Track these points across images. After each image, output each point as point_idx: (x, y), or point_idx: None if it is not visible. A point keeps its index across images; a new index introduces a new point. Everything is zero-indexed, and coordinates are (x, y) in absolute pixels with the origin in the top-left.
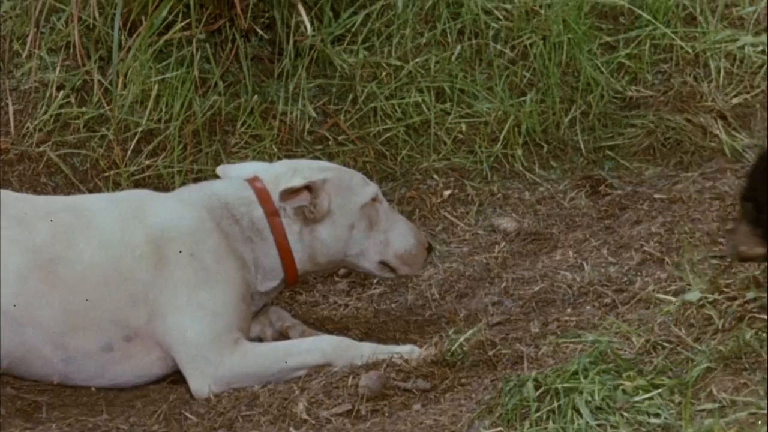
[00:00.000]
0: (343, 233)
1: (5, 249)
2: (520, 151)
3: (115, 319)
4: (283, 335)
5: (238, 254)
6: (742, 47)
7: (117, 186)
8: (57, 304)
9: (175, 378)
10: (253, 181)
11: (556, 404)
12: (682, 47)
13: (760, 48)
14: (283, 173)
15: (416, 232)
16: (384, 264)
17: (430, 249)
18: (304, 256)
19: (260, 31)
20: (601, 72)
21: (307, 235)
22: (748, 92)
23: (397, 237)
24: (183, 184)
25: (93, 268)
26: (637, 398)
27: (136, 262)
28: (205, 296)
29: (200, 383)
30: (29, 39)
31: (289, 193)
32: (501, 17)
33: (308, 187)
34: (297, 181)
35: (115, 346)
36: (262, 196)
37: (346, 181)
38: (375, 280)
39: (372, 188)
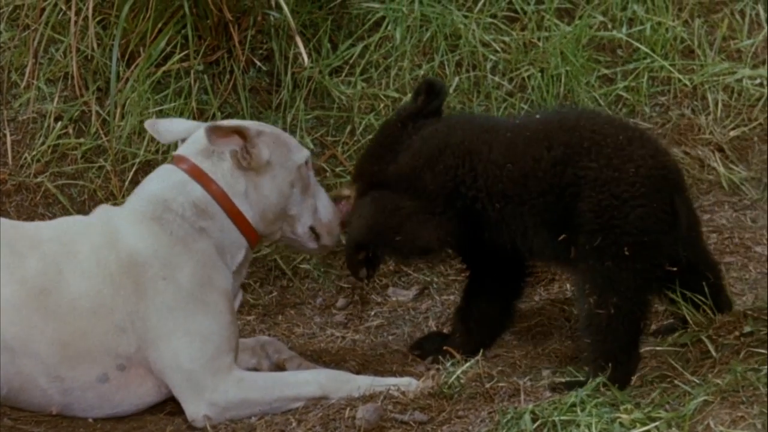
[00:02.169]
0: (285, 188)
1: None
2: None
3: (106, 349)
4: (279, 368)
5: (200, 254)
6: (739, 80)
7: None
8: (50, 335)
9: (173, 409)
10: (179, 162)
11: None
12: (680, 80)
13: (758, 81)
14: None
15: (334, 206)
16: (312, 231)
17: (344, 225)
18: (255, 215)
19: (258, 63)
20: (599, 104)
21: (252, 193)
22: (745, 125)
23: (324, 205)
24: None
25: (80, 298)
26: (634, 431)
27: (116, 291)
28: (190, 319)
29: (195, 409)
30: (27, 70)
31: (216, 131)
32: (499, 49)
33: (239, 132)
34: (228, 123)
35: (111, 376)
36: (195, 173)
37: (283, 139)
38: (372, 312)
39: (306, 152)
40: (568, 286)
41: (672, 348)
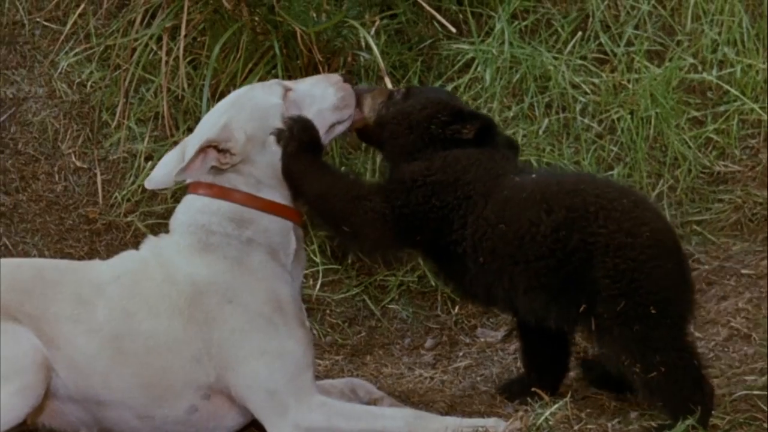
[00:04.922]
0: (273, 144)
1: (71, 330)
2: None
3: (187, 382)
4: None
5: (258, 269)
6: None
7: None
8: (131, 379)
9: None
10: (197, 189)
11: None
12: None
13: None
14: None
15: (329, 79)
16: (331, 125)
17: (347, 80)
18: (281, 191)
19: None
20: (689, 147)
21: (263, 175)
22: None
23: (323, 97)
24: None
25: (153, 337)
26: None
27: (186, 324)
28: (264, 339)
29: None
30: (118, 109)
31: (185, 169)
32: (588, 91)
33: (210, 146)
34: (190, 152)
35: (199, 407)
36: (213, 191)
37: (247, 103)
38: (461, 353)
39: (275, 86)
40: None
41: (762, 392)
